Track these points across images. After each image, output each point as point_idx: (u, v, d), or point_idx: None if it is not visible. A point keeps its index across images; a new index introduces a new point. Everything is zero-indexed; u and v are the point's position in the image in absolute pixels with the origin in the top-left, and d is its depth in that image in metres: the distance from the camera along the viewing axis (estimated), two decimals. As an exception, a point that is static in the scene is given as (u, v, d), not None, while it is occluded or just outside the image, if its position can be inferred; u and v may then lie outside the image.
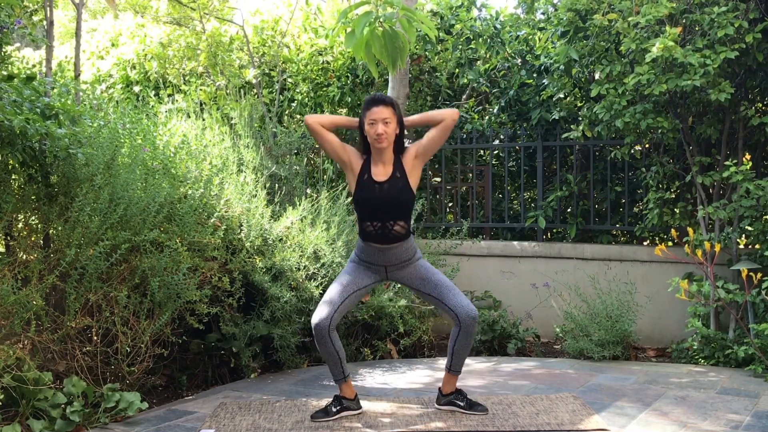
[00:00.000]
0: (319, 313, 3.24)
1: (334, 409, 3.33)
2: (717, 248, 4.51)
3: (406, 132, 3.38)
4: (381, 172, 3.29)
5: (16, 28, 3.73)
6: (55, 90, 3.99)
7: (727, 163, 4.69)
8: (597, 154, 6.29)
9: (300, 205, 4.66)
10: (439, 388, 3.50)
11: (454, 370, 3.40)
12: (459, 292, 3.33)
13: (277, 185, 5.21)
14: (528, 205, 6.56)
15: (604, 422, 3.25)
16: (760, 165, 5.24)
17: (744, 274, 4.30)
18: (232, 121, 5.54)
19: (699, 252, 4.63)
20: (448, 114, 3.32)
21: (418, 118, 3.46)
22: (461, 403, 3.41)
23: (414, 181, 3.32)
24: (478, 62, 7.07)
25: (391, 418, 3.34)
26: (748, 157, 5.25)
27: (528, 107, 6.53)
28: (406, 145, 3.39)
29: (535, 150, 6.29)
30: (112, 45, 8.23)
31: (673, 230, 4.96)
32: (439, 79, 6.76)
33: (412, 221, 5.80)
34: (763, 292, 4.45)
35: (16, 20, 3.73)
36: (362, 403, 3.48)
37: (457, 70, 6.93)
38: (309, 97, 7.06)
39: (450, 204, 7.13)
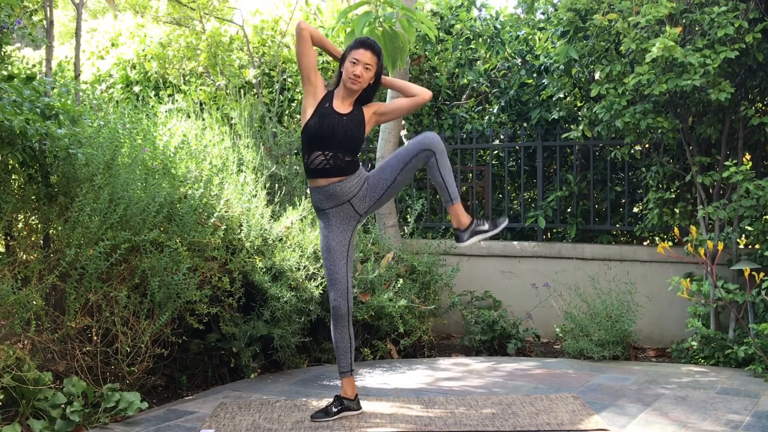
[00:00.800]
0: (337, 300, 3.24)
1: (334, 409, 3.33)
2: (720, 247, 4.51)
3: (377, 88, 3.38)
4: (342, 107, 3.30)
5: (16, 28, 3.73)
6: (55, 90, 3.99)
7: (727, 163, 4.69)
8: (597, 154, 6.29)
9: (300, 205, 4.66)
10: (455, 228, 3.40)
11: (454, 197, 3.33)
12: (405, 146, 3.32)
13: (277, 185, 5.21)
14: (528, 205, 6.56)
15: (604, 422, 3.25)
16: (760, 165, 5.24)
17: (746, 274, 4.30)
18: (232, 121, 5.54)
19: (701, 251, 4.63)
20: (423, 91, 3.36)
21: (396, 82, 3.47)
22: (484, 227, 3.36)
23: (367, 127, 3.34)
24: (478, 62, 7.07)
25: (391, 418, 3.34)
26: (748, 157, 5.25)
27: (528, 107, 6.53)
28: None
29: (535, 150, 6.29)
30: (112, 45, 8.23)
31: (675, 228, 4.96)
32: (439, 79, 6.76)
33: (411, 220, 5.82)
34: (763, 292, 4.45)
35: (16, 20, 3.73)
36: (362, 403, 3.48)
37: (457, 70, 6.93)
38: (309, 97, 7.04)
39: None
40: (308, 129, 3.27)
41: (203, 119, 5.25)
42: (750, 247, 5.05)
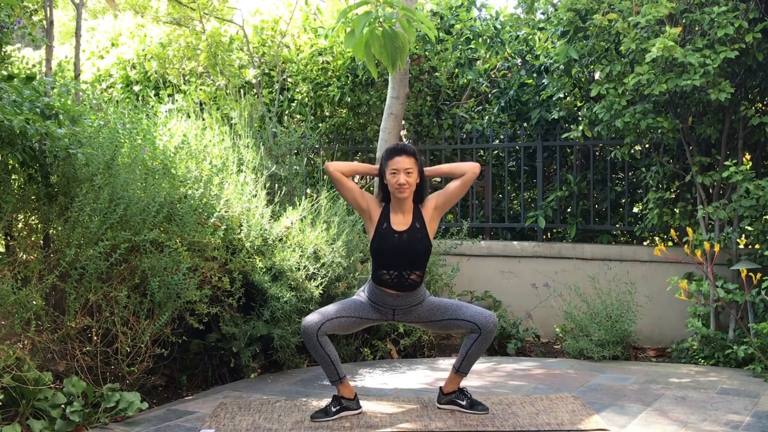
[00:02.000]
0: (310, 318, 3.26)
1: (333, 409, 3.33)
2: (716, 248, 4.51)
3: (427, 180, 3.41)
4: (400, 221, 3.31)
5: (16, 28, 3.73)
6: (55, 90, 3.99)
7: (727, 163, 4.69)
8: (597, 154, 6.29)
9: (300, 205, 4.66)
10: (441, 388, 3.50)
11: (462, 371, 3.41)
12: (472, 305, 3.37)
13: (277, 185, 5.21)
14: (528, 205, 6.56)
15: (604, 422, 3.25)
16: (760, 165, 5.24)
17: (743, 274, 4.30)
18: (232, 121, 5.54)
19: (698, 252, 4.63)
20: (470, 168, 3.35)
21: (440, 169, 3.51)
22: (462, 402, 3.42)
23: (432, 231, 3.36)
24: (478, 62, 7.07)
25: (391, 418, 3.34)
26: (747, 157, 5.26)
27: (528, 107, 6.53)
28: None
29: (535, 150, 6.29)
30: (112, 45, 8.23)
31: (672, 230, 4.96)
32: (439, 79, 6.76)
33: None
34: (763, 292, 4.45)
35: (16, 20, 3.73)
36: (362, 403, 3.48)
37: (457, 70, 6.93)
38: (309, 97, 7.06)
39: (450, 204, 7.13)
40: (372, 251, 3.34)
41: (203, 119, 5.25)
42: (750, 247, 5.05)
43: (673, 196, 5.55)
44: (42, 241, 3.75)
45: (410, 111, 6.72)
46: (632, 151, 5.91)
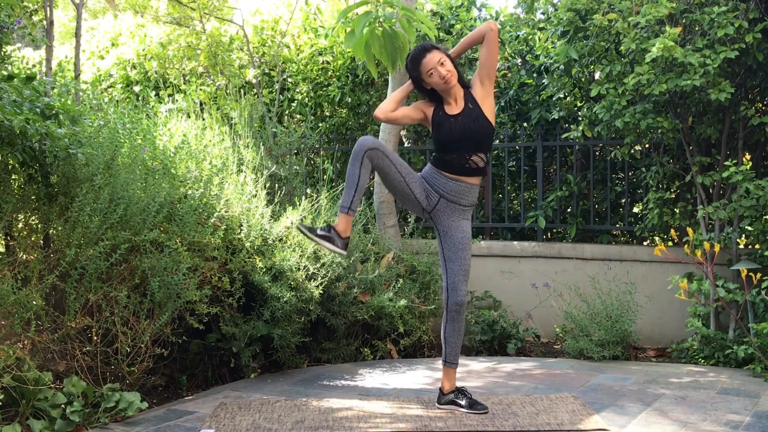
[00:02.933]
0: (369, 138, 3.25)
1: (319, 232, 3.25)
2: (717, 248, 4.51)
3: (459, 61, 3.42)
4: (454, 108, 3.35)
5: (16, 28, 3.73)
6: (55, 90, 3.99)
7: (727, 163, 4.69)
8: (597, 154, 6.29)
9: (300, 205, 4.66)
10: (440, 388, 3.50)
11: (448, 361, 3.42)
12: (465, 274, 3.36)
13: (277, 185, 5.21)
14: (528, 205, 6.56)
15: (604, 422, 3.26)
16: (760, 165, 5.24)
17: (743, 274, 4.30)
18: (232, 121, 5.54)
19: (699, 252, 4.63)
20: (485, 28, 3.35)
21: (462, 45, 3.50)
22: (462, 402, 3.42)
23: (488, 109, 3.36)
24: (478, 62, 7.07)
25: (391, 418, 3.34)
26: (748, 157, 5.25)
27: (528, 107, 6.53)
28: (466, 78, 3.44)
29: (535, 150, 6.29)
30: (112, 45, 8.23)
31: (672, 230, 4.96)
32: (439, 79, 6.75)
33: (411, 220, 5.82)
34: (763, 292, 4.45)
35: (16, 20, 3.73)
36: (362, 403, 3.48)
37: (457, 70, 6.92)
38: (309, 97, 7.06)
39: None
40: (434, 143, 3.39)
41: (203, 119, 5.25)
42: (750, 247, 5.05)
43: (673, 196, 5.55)
44: (42, 241, 3.75)
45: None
46: (632, 151, 5.91)
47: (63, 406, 3.26)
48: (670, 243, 5.80)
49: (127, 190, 3.67)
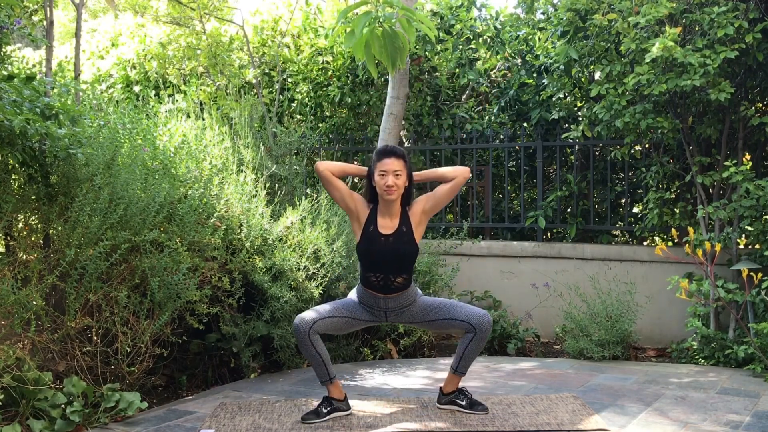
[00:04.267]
0: (302, 315, 3.26)
1: (324, 410, 3.33)
2: (717, 248, 4.51)
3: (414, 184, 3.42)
4: (387, 225, 3.32)
5: (16, 28, 3.73)
6: (55, 90, 3.99)
7: (727, 163, 4.69)
8: (597, 154, 6.29)
9: (300, 205, 4.66)
10: (440, 388, 3.50)
11: (460, 371, 3.41)
12: (467, 304, 3.37)
13: (277, 185, 5.21)
14: (528, 205, 6.56)
15: (604, 422, 3.25)
16: (760, 165, 5.24)
17: (744, 274, 4.30)
18: (232, 121, 5.54)
19: (699, 252, 4.63)
20: (460, 172, 3.36)
21: (429, 174, 3.50)
22: (462, 402, 3.42)
23: (419, 235, 3.37)
24: (478, 62, 7.07)
25: (391, 419, 3.34)
26: (748, 157, 5.25)
27: (528, 107, 6.53)
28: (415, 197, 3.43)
29: (535, 150, 6.29)
30: (112, 45, 8.23)
31: (673, 230, 4.96)
32: (439, 79, 6.76)
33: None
34: (763, 292, 4.45)
35: (16, 20, 3.73)
36: (362, 403, 3.48)
37: (457, 70, 6.93)
38: (309, 97, 7.06)
39: (450, 204, 7.14)
40: (359, 253, 3.36)
41: (203, 119, 5.25)
42: (750, 247, 5.05)
43: (673, 196, 5.55)
44: (42, 241, 3.75)
45: (410, 111, 6.72)
46: (632, 151, 5.91)
47: (63, 406, 3.26)
48: (670, 243, 5.80)
49: (127, 190, 3.67)
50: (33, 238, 3.73)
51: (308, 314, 3.26)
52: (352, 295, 3.46)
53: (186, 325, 3.94)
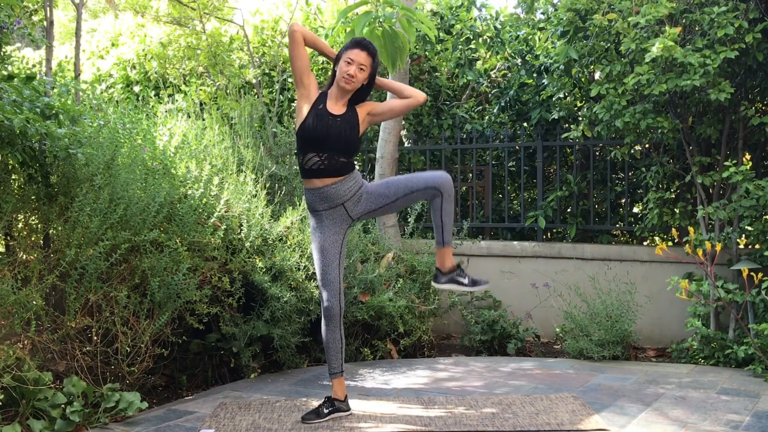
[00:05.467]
0: (329, 300, 3.25)
1: (325, 411, 3.33)
2: (718, 248, 4.50)
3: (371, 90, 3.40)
4: (336, 108, 3.30)
5: (16, 28, 3.73)
6: (55, 90, 3.99)
7: (726, 163, 4.69)
8: (597, 154, 6.29)
9: (300, 205, 4.66)
10: (437, 268, 3.44)
11: (447, 242, 3.36)
12: (417, 173, 3.35)
13: (277, 185, 5.21)
14: (528, 205, 6.56)
15: (604, 422, 3.25)
16: (760, 165, 5.24)
17: (745, 274, 4.30)
18: (232, 121, 5.54)
19: (699, 252, 4.63)
20: (418, 93, 3.37)
21: (390, 84, 3.48)
22: (464, 281, 3.39)
23: (361, 129, 3.35)
24: (478, 62, 7.07)
25: (391, 418, 3.34)
26: (748, 157, 5.25)
27: (528, 107, 6.53)
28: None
29: (535, 150, 6.29)
30: (112, 45, 8.23)
31: (673, 229, 4.96)
32: (439, 79, 6.76)
33: (411, 220, 5.82)
34: (763, 292, 4.45)
35: (16, 20, 3.73)
36: (362, 403, 3.48)
37: (457, 70, 6.93)
38: (309, 97, 7.04)
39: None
40: (303, 130, 3.27)
41: (203, 119, 5.25)
42: (750, 247, 5.05)
43: (673, 196, 5.55)
44: (42, 241, 3.75)
45: (411, 112, 6.72)
46: (632, 151, 5.91)
47: (63, 406, 3.26)
48: (670, 243, 5.80)
49: (127, 190, 3.67)
50: (33, 238, 3.73)
51: (332, 296, 3.25)
52: (312, 215, 3.37)
53: (186, 325, 3.94)
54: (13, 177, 3.73)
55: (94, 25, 9.09)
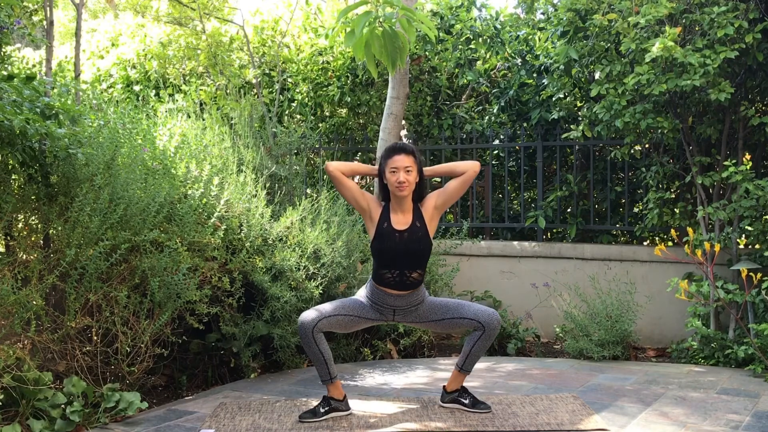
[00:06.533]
0: (306, 314, 3.27)
1: (322, 410, 3.33)
2: (717, 248, 4.51)
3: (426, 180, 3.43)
4: (401, 221, 3.32)
5: (16, 28, 3.73)
6: (55, 90, 3.99)
7: (726, 163, 4.69)
8: (597, 154, 6.29)
9: (300, 205, 4.66)
10: (444, 387, 3.51)
11: (465, 369, 3.42)
12: (474, 303, 3.38)
13: (277, 185, 5.21)
14: (528, 205, 6.56)
15: (604, 422, 3.25)
16: (760, 165, 5.24)
17: (744, 274, 4.30)
18: (232, 121, 5.54)
19: (699, 252, 4.63)
20: (470, 166, 3.36)
21: (439, 169, 3.52)
22: (465, 401, 3.43)
23: (432, 230, 3.37)
24: (478, 62, 7.07)
25: (390, 418, 3.34)
26: (747, 157, 5.25)
27: (528, 107, 6.53)
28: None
29: (535, 150, 6.29)
30: (112, 45, 8.23)
31: (672, 230, 4.96)
32: (439, 79, 6.76)
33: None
34: (763, 292, 4.45)
35: (16, 20, 3.73)
36: (362, 403, 3.47)
37: (457, 70, 6.93)
38: (309, 97, 7.05)
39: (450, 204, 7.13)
40: (373, 251, 3.34)
41: (203, 119, 5.25)
42: (750, 247, 5.05)
43: (673, 196, 5.55)
44: (42, 241, 3.75)
45: (410, 111, 6.72)
46: (632, 151, 5.90)
47: (63, 406, 3.26)
48: (670, 243, 5.80)
49: (127, 190, 3.67)
50: (33, 238, 3.74)
51: (312, 312, 3.26)
52: (360, 293, 3.46)
53: (186, 325, 3.94)
54: (13, 177, 3.74)
55: (94, 25, 9.09)
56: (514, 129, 6.65)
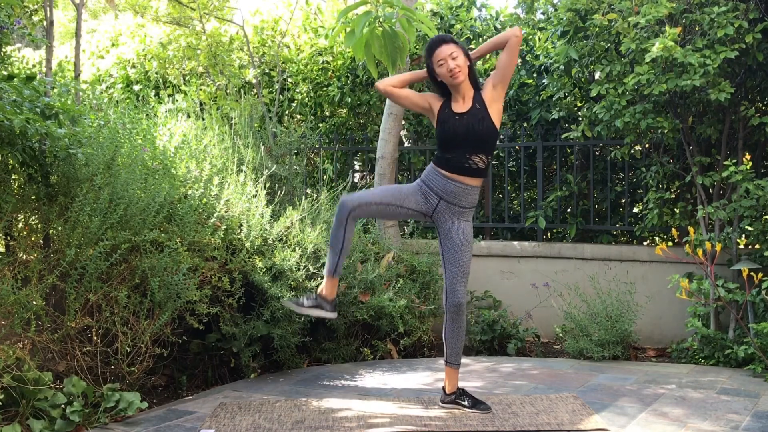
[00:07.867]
0: (352, 196, 3.28)
1: (306, 303, 3.32)
2: (718, 248, 4.50)
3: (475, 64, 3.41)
4: (461, 107, 3.33)
5: (16, 28, 3.73)
6: (55, 90, 3.99)
7: (726, 163, 4.69)
8: (597, 154, 6.29)
9: (300, 205, 4.66)
10: (443, 387, 3.51)
11: (449, 362, 3.42)
12: (464, 276, 3.36)
13: (277, 185, 5.21)
14: (528, 205, 6.56)
15: (604, 422, 3.25)
16: (760, 165, 5.24)
17: (745, 274, 4.30)
18: (232, 121, 5.54)
19: (699, 252, 4.63)
20: (511, 32, 3.33)
21: (484, 47, 3.50)
22: (465, 402, 3.42)
23: (495, 113, 3.33)
24: (478, 62, 7.07)
25: (391, 418, 3.34)
26: (748, 157, 5.25)
27: (528, 107, 6.53)
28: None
29: (535, 150, 6.29)
30: (112, 45, 8.23)
31: (674, 229, 4.96)
32: (439, 79, 6.75)
33: (411, 220, 5.82)
34: (763, 292, 4.45)
35: (16, 20, 3.73)
36: (362, 403, 3.47)
37: (457, 70, 6.92)
38: (309, 97, 7.06)
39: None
40: (437, 138, 3.37)
41: (203, 119, 5.25)
42: (750, 247, 5.05)
43: (673, 196, 5.55)
44: (42, 241, 3.75)
45: (409, 111, 6.72)
46: (632, 151, 5.90)
47: (63, 406, 3.26)
48: (670, 243, 5.80)
49: (127, 190, 3.67)
50: (33, 238, 3.74)
51: (355, 198, 3.27)
52: (416, 182, 3.42)
53: (186, 325, 3.94)
54: (13, 177, 3.74)
55: (94, 25, 9.09)
56: (514, 129, 6.65)
